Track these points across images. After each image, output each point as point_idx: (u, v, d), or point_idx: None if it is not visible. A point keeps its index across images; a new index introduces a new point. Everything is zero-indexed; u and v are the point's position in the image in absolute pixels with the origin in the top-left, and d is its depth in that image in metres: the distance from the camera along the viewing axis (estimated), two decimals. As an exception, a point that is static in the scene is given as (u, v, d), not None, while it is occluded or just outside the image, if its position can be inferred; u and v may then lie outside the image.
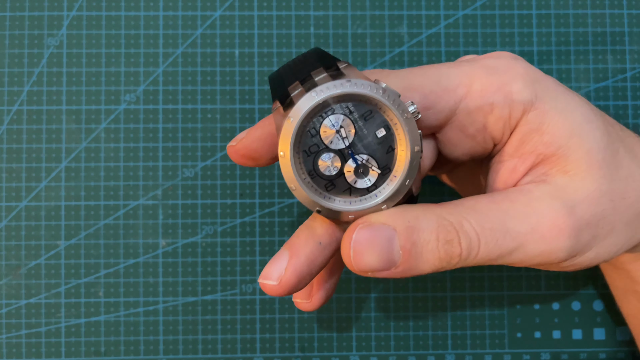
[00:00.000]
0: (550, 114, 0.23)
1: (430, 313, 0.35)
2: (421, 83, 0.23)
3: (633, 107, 0.36)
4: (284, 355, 0.35)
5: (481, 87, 0.23)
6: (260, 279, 0.23)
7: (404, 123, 0.21)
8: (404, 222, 0.22)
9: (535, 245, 0.22)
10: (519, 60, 0.24)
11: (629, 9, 0.36)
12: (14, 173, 0.34)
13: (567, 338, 0.35)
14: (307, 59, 0.24)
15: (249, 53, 0.35)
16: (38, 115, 0.35)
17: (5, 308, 0.34)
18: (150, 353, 0.34)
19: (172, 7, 0.35)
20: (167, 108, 0.35)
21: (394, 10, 0.36)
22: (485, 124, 0.23)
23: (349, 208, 0.22)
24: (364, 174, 0.22)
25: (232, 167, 0.35)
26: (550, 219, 0.22)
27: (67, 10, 0.35)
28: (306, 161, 0.22)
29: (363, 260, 0.22)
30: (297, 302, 0.26)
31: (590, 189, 0.23)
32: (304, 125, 0.21)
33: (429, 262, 0.22)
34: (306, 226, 0.24)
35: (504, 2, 0.36)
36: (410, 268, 0.22)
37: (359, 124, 0.22)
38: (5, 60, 0.35)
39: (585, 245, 0.23)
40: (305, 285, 0.23)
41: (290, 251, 0.23)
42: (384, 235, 0.22)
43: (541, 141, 0.23)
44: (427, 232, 0.22)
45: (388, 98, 0.21)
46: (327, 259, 0.24)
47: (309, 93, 0.21)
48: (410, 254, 0.22)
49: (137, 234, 0.35)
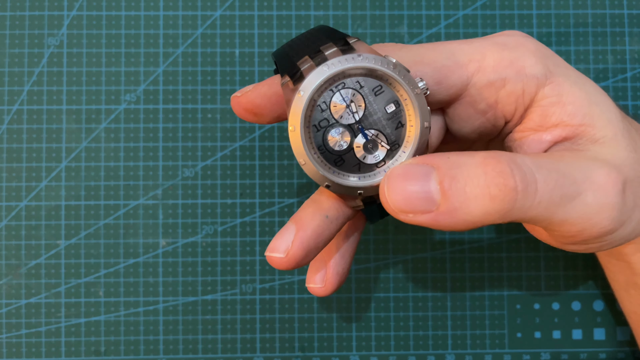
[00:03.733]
0: (566, 85, 0.23)
1: (430, 313, 0.35)
2: (433, 57, 0.23)
3: (633, 107, 0.36)
4: (284, 355, 0.35)
5: (493, 63, 0.23)
6: (267, 252, 0.23)
7: (414, 98, 0.21)
8: (442, 158, 0.20)
9: (594, 195, 0.21)
10: (529, 37, 0.24)
11: (629, 9, 0.36)
12: (14, 173, 0.34)
13: (567, 338, 0.35)
14: (315, 34, 0.23)
15: (249, 53, 0.35)
16: (38, 115, 0.35)
17: (5, 308, 0.34)
18: (150, 353, 0.34)
19: (172, 7, 0.35)
20: (167, 108, 0.35)
21: (394, 10, 0.36)
22: (497, 99, 0.23)
23: (357, 183, 0.22)
24: (373, 149, 0.22)
25: (232, 167, 0.35)
26: (604, 172, 0.21)
27: (67, 10, 0.35)
28: (316, 136, 0.22)
29: (398, 193, 0.20)
30: (310, 287, 0.26)
31: (624, 154, 0.23)
32: (314, 99, 0.21)
33: (477, 199, 0.20)
34: (312, 200, 0.23)
35: (504, 2, 0.36)
36: (454, 208, 0.20)
37: (369, 99, 0.22)
38: (5, 60, 0.35)
39: (630, 209, 0.22)
40: (312, 259, 0.23)
41: (297, 224, 0.23)
42: (420, 169, 0.20)
43: (565, 112, 0.23)
44: (470, 166, 0.20)
45: (399, 73, 0.21)
46: (333, 233, 0.23)
47: (320, 67, 0.21)
48: (450, 188, 0.20)
49: (137, 233, 0.35)
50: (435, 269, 0.35)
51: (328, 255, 0.26)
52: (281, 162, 0.35)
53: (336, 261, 0.26)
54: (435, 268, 0.35)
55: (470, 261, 0.35)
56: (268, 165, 0.35)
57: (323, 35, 0.23)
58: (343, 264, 0.26)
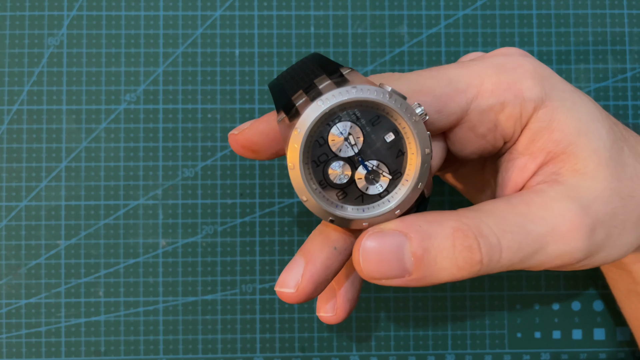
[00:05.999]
0: (559, 111, 0.23)
1: (430, 313, 0.35)
2: (431, 85, 0.23)
3: (633, 107, 0.36)
4: (284, 355, 0.35)
5: (492, 87, 0.23)
6: (277, 287, 0.23)
7: (413, 126, 0.21)
8: (415, 228, 0.21)
9: (555, 246, 0.22)
10: (527, 57, 0.24)
11: (629, 9, 0.36)
12: (14, 173, 0.34)
13: (567, 338, 0.35)
14: (308, 65, 0.23)
15: (249, 53, 0.35)
16: (38, 115, 0.35)
17: (5, 308, 0.34)
18: (150, 353, 0.34)
19: (172, 7, 0.35)
20: (167, 108, 0.35)
21: (394, 10, 0.36)
22: (497, 122, 0.23)
23: (362, 215, 0.22)
24: (375, 180, 0.22)
25: (232, 167, 0.35)
26: (568, 219, 0.22)
27: (67, 10, 0.35)
28: (316, 171, 0.21)
29: (372, 268, 0.21)
30: (321, 316, 0.26)
31: (601, 187, 0.23)
32: (311, 135, 0.21)
33: (445, 269, 0.21)
34: (320, 231, 0.23)
35: (504, 2, 0.36)
36: (424, 276, 0.21)
37: (367, 130, 0.21)
38: (5, 60, 0.35)
39: (599, 245, 0.23)
40: (321, 291, 0.23)
41: (306, 258, 0.23)
42: (394, 242, 0.21)
43: (551, 139, 0.23)
44: (441, 238, 0.21)
45: (395, 102, 0.21)
46: (342, 264, 0.23)
47: (315, 102, 0.21)
48: (422, 260, 0.21)
49: (137, 233, 0.35)
50: (435, 269, 0.35)
51: (337, 283, 0.26)
52: (281, 162, 0.35)
53: (346, 289, 0.26)
54: (435, 268, 0.35)
55: (470, 261, 0.35)
56: (268, 165, 0.35)
57: (316, 66, 0.23)
58: (353, 291, 0.26)
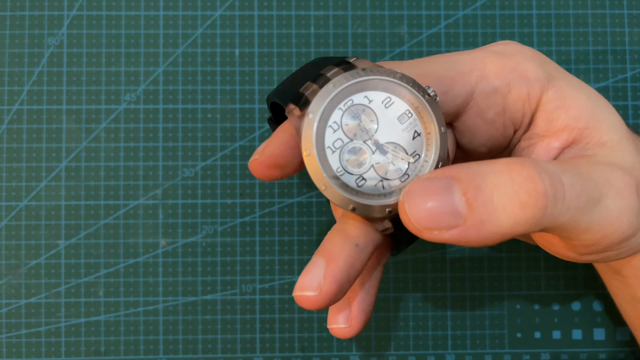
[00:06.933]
0: (568, 89, 0.23)
1: (430, 313, 0.35)
2: (435, 70, 0.23)
3: (633, 107, 0.36)
4: (284, 355, 0.35)
5: (495, 70, 0.23)
6: (297, 292, 0.21)
7: (427, 104, 0.20)
8: (461, 168, 0.19)
9: (613, 201, 0.20)
10: (525, 46, 0.24)
11: (629, 9, 0.36)
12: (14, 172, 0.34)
13: (567, 338, 0.35)
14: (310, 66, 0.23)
15: (249, 53, 0.35)
16: (38, 115, 0.35)
17: (5, 308, 0.34)
18: (150, 353, 0.34)
19: (172, 7, 0.35)
20: (167, 108, 0.35)
21: (394, 10, 0.36)
22: (504, 106, 0.23)
23: (384, 201, 0.20)
24: (393, 163, 0.21)
25: (232, 167, 0.35)
26: (619, 176, 0.21)
27: (67, 10, 0.35)
28: (332, 158, 0.20)
29: (420, 210, 0.19)
30: (333, 328, 0.24)
31: (630, 159, 0.22)
32: (324, 120, 0.20)
33: (506, 208, 0.18)
34: (338, 230, 0.22)
35: (504, 2, 0.36)
36: (482, 220, 0.18)
37: (381, 113, 0.21)
38: (5, 59, 0.35)
39: None
40: (344, 294, 0.21)
41: (326, 257, 0.21)
42: (440, 183, 0.19)
43: (570, 116, 0.23)
44: (494, 174, 0.19)
45: (407, 82, 0.20)
46: (364, 263, 0.21)
47: (325, 86, 0.20)
48: (477, 199, 0.18)
49: (137, 233, 0.35)
50: (435, 269, 0.35)
51: (352, 291, 0.24)
52: (281, 162, 0.35)
53: (361, 298, 0.24)
54: (435, 268, 0.35)
55: (470, 261, 0.35)
56: (268, 165, 0.35)
57: (320, 62, 0.22)
58: (368, 301, 0.24)
